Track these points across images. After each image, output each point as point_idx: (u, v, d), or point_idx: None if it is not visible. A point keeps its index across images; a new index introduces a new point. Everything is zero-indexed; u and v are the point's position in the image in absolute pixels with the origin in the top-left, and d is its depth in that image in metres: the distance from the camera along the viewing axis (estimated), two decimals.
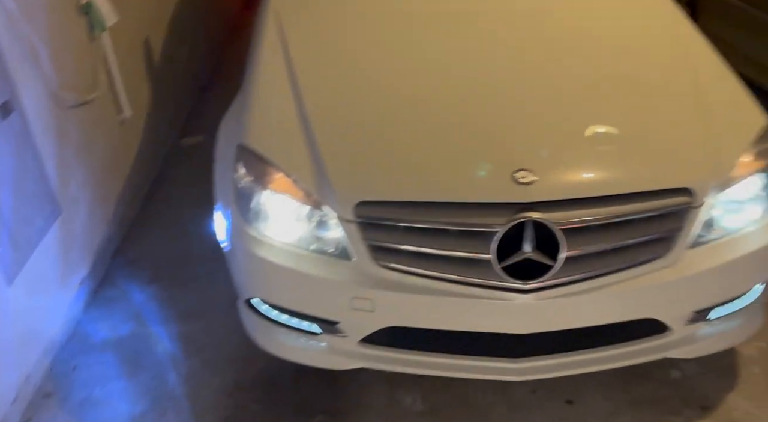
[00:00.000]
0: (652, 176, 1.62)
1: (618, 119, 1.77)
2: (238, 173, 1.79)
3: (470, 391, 1.98)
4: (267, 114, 1.92)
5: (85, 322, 2.33)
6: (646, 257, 1.61)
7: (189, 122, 3.80)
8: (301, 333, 1.84)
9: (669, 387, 1.96)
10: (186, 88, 3.97)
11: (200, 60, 4.28)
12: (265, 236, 1.73)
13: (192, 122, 3.80)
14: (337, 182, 1.66)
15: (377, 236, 1.64)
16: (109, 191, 2.72)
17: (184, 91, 3.94)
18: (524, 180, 1.58)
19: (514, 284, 1.58)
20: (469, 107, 1.82)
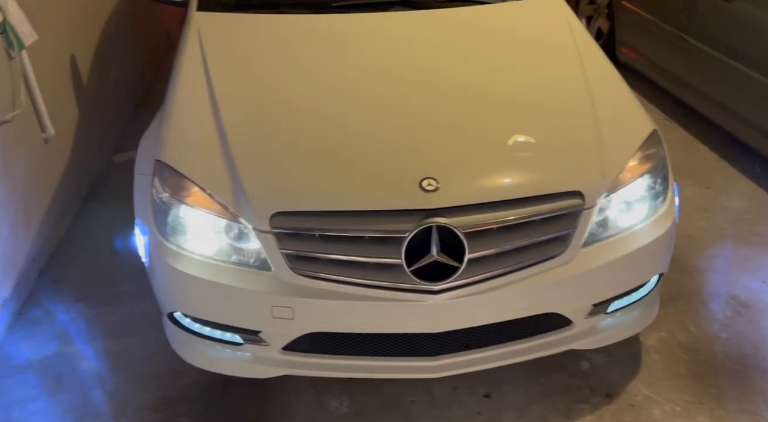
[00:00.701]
0: (547, 181, 1.75)
1: (515, 130, 1.90)
2: (155, 188, 1.82)
3: (395, 392, 2.06)
4: (184, 129, 1.96)
5: (7, 344, 2.29)
6: (544, 256, 1.73)
7: (123, 139, 3.77)
8: (224, 344, 1.88)
9: (579, 378, 2.09)
10: (119, 105, 3.93)
11: (135, 77, 4.25)
12: (183, 250, 1.76)
13: (127, 138, 3.77)
14: (253, 194, 1.71)
15: (294, 246, 1.70)
16: (33, 210, 2.68)
17: (117, 108, 3.90)
18: (429, 188, 1.68)
19: (424, 286, 1.67)
20: (378, 121, 1.91)
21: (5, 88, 2.49)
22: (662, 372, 2.10)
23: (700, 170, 3.36)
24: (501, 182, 1.75)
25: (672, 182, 1.95)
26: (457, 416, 1.97)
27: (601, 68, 2.20)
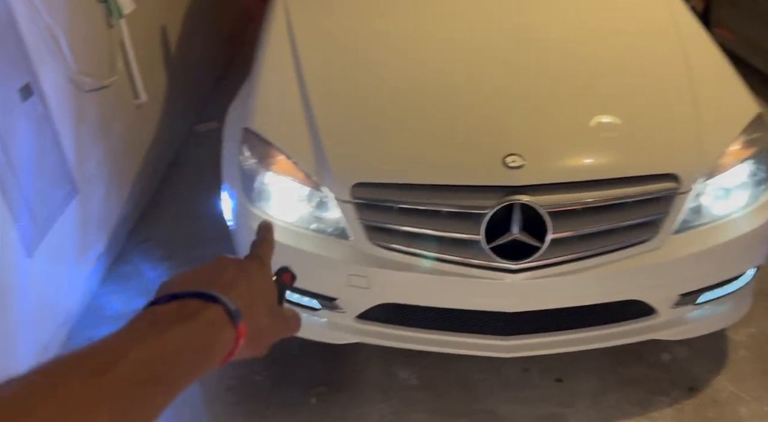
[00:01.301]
0: (639, 162, 1.67)
1: (609, 107, 1.81)
2: (243, 155, 1.88)
3: (463, 369, 2.06)
4: (271, 99, 2.00)
5: (101, 296, 2.45)
6: (631, 241, 1.66)
7: (205, 109, 3.91)
8: (302, 308, 1.93)
9: (659, 369, 2.02)
10: (202, 76, 4.07)
11: (218, 49, 4.38)
12: (267, 215, 1.81)
13: (208, 108, 3.91)
14: (335, 164, 1.73)
15: (373, 217, 1.71)
16: (125, 173, 2.84)
17: (201, 78, 4.04)
18: (513, 164, 1.64)
19: (502, 264, 1.64)
20: (464, 95, 1.88)
21: (105, 55, 2.62)
22: (750, 369, 1.99)
23: None
24: (590, 161, 1.69)
25: None
26: (528, 397, 1.95)
27: (703, 47, 2.06)
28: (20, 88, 1.96)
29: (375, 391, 2.00)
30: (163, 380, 0.45)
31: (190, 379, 0.48)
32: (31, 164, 2.02)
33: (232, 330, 0.51)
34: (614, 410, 1.88)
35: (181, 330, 0.48)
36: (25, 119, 1.99)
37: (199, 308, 0.50)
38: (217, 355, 0.51)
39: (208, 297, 0.51)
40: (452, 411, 1.92)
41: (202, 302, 0.51)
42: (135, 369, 0.43)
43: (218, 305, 0.51)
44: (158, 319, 0.48)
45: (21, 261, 1.97)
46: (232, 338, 0.51)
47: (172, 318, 0.49)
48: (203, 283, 0.53)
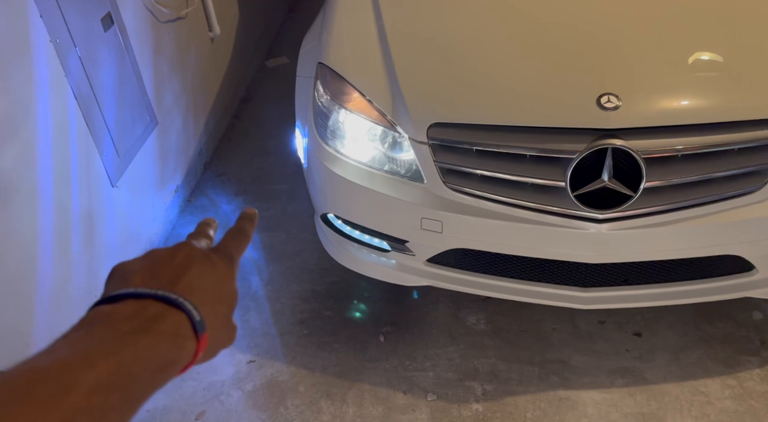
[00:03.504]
0: (748, 105, 1.49)
1: (714, 43, 1.62)
2: (317, 91, 1.83)
3: (534, 317, 2.01)
4: (346, 35, 1.92)
5: (180, 226, 2.54)
6: (735, 192, 1.51)
7: (275, 43, 3.86)
8: (371, 249, 1.92)
9: (748, 328, 1.89)
10: (273, 9, 4.00)
11: None
12: (341, 154, 1.78)
13: (278, 43, 3.85)
14: (412, 103, 1.65)
15: (449, 159, 1.64)
16: (200, 106, 2.87)
17: (271, 12, 3.97)
18: (608, 105, 1.50)
19: (587, 213, 1.54)
20: (552, 31, 1.72)
21: None
22: None
23: None
24: (693, 103, 1.52)
25: None
26: (603, 350, 1.89)
27: None
28: (102, 17, 1.96)
29: (442, 334, 2.00)
30: (118, 406, 0.40)
31: (146, 398, 0.43)
32: (113, 95, 2.06)
33: (193, 343, 0.46)
34: (696, 368, 1.80)
35: (141, 343, 0.43)
36: (107, 50, 2.01)
37: (161, 315, 0.45)
38: (175, 371, 0.45)
39: (171, 301, 0.46)
40: (522, 359, 1.89)
41: (164, 307, 0.46)
42: (88, 397, 0.38)
43: (181, 312, 0.46)
44: (115, 327, 0.43)
45: (106, 191, 2.05)
46: (191, 351, 0.46)
47: (130, 327, 0.43)
48: (164, 280, 0.48)
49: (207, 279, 0.50)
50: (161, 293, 0.46)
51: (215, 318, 0.49)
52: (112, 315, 0.44)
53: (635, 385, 1.77)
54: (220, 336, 0.50)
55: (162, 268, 0.49)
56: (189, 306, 0.47)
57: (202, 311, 0.47)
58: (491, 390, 1.81)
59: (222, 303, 0.51)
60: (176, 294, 0.47)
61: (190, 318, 0.46)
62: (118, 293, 0.46)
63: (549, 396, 1.77)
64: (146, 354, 0.43)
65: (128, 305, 0.45)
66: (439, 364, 1.90)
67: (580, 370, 1.83)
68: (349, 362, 1.93)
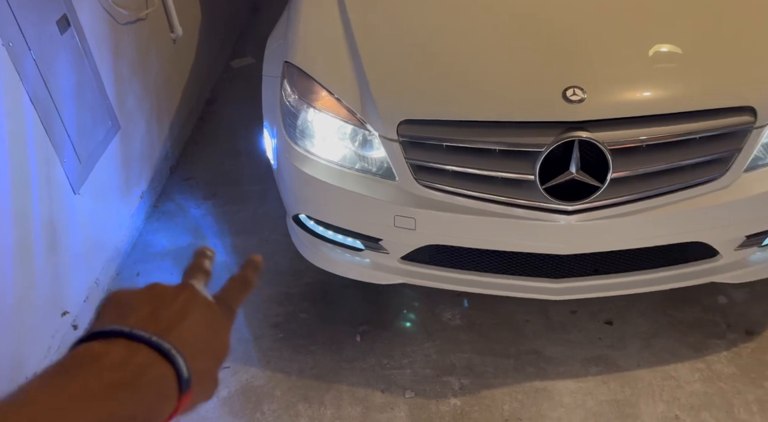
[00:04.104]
0: (711, 94, 1.53)
1: (678, 34, 1.66)
2: (284, 91, 1.80)
3: (508, 310, 2.03)
4: (313, 32, 1.90)
5: (147, 233, 2.49)
6: (699, 179, 1.55)
7: (240, 43, 3.81)
8: (345, 248, 1.91)
9: (714, 312, 1.95)
10: (237, 9, 3.94)
11: None
12: (311, 154, 1.76)
13: (243, 43, 3.80)
14: (381, 101, 1.65)
15: (420, 156, 1.64)
16: (164, 109, 2.81)
17: (235, 11, 3.91)
18: (574, 98, 1.52)
19: (556, 205, 1.56)
20: (518, 25, 1.74)
21: None
22: None
23: None
24: (657, 93, 1.55)
25: None
26: (576, 339, 1.92)
27: None
28: (57, 20, 1.90)
29: (419, 331, 2.00)
30: None
31: None
32: (72, 100, 2.00)
33: (173, 402, 0.45)
34: (667, 353, 1.84)
35: (122, 398, 0.41)
36: (64, 53, 1.95)
37: (149, 365, 0.43)
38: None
39: (163, 352, 0.44)
40: (497, 352, 1.91)
41: (154, 356, 0.44)
42: None
43: (170, 366, 0.44)
44: (101, 376, 0.42)
45: (68, 198, 1.99)
46: (169, 410, 0.45)
47: (116, 378, 0.42)
48: (162, 323, 0.46)
49: (204, 331, 0.49)
50: (155, 341, 0.45)
51: (202, 376, 0.48)
52: (101, 359, 0.43)
53: (609, 373, 1.80)
54: (202, 393, 0.49)
55: (162, 309, 0.48)
56: (179, 361, 0.45)
57: (191, 367, 0.46)
58: (468, 384, 1.82)
59: (212, 359, 0.50)
60: (170, 344, 0.45)
61: (178, 374, 0.45)
62: (112, 330, 0.45)
63: (525, 387, 1.79)
64: (124, 411, 0.42)
65: (119, 347, 0.44)
66: (416, 361, 1.90)
67: (554, 360, 1.85)
68: (326, 363, 1.91)
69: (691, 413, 1.67)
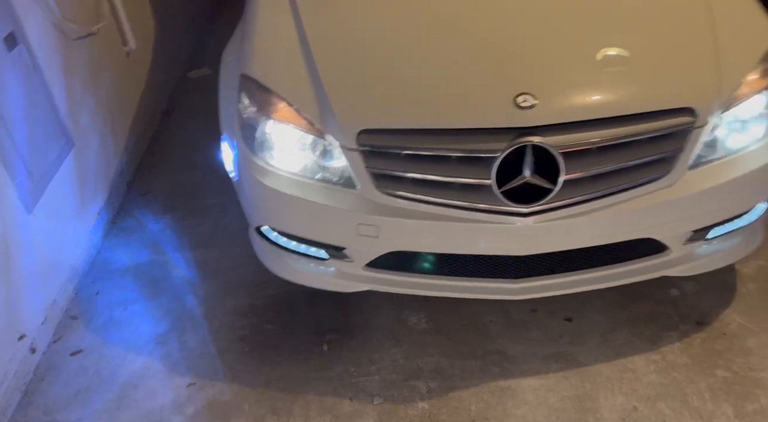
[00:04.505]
0: (654, 97, 1.61)
1: (622, 40, 1.73)
2: (242, 104, 1.81)
3: (473, 312, 2.07)
4: (269, 44, 1.91)
5: (105, 250, 2.44)
6: (645, 179, 1.62)
7: (197, 53, 3.77)
8: (309, 258, 1.92)
9: (667, 305, 2.03)
10: (192, 19, 3.91)
11: None
12: (271, 166, 1.76)
13: (200, 53, 3.77)
14: (340, 111, 1.67)
15: (380, 164, 1.66)
16: (119, 124, 2.76)
17: (191, 22, 3.88)
18: (525, 104, 1.57)
19: (514, 208, 1.61)
20: (471, 35, 1.79)
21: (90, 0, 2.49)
22: (759, 301, 2.01)
23: None
24: (603, 97, 1.62)
25: None
26: (537, 337, 1.97)
27: None
28: (4, 37, 1.86)
29: (386, 337, 2.02)
30: None
31: None
32: (23, 118, 1.95)
33: None
34: (625, 346, 1.91)
35: None
36: (13, 70, 1.91)
37: None
38: None
39: None
40: (463, 354, 1.94)
41: None
42: None
43: None
44: None
45: (21, 218, 1.94)
46: None
47: None
48: None
49: None
50: None
51: None
52: None
53: (569, 368, 1.85)
54: None
55: None
56: None
57: None
58: (436, 387, 1.85)
59: None
60: None
61: None
62: None
63: (491, 387, 1.83)
64: None
65: None
66: (384, 367, 1.92)
67: (517, 359, 1.90)
68: (293, 374, 1.91)
69: (648, 404, 1.74)
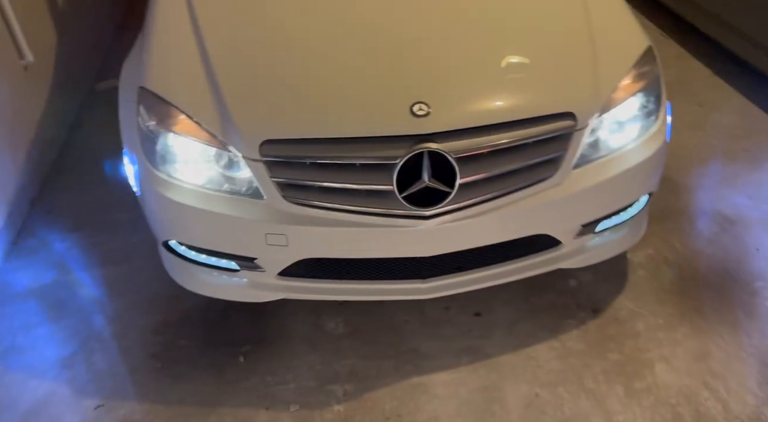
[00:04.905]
0: (538, 103, 1.72)
1: (507, 50, 1.84)
2: (140, 117, 1.78)
3: (388, 313, 2.13)
4: (167, 55, 1.89)
5: (5, 272, 2.32)
6: (535, 179, 1.73)
7: (105, 65, 3.64)
8: (220, 270, 1.91)
9: (566, 295, 2.17)
10: (99, 28, 3.77)
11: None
12: (174, 179, 1.75)
13: (109, 64, 3.65)
14: (241, 122, 1.68)
15: (285, 174, 1.69)
16: (19, 139, 2.63)
17: (98, 30, 3.74)
18: (420, 113, 1.65)
19: (415, 211, 1.68)
20: (367, 46, 1.84)
21: None
22: (647, 288, 2.18)
23: (694, 86, 3.31)
24: (493, 105, 1.72)
25: (665, 100, 1.92)
26: (449, 334, 2.05)
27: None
28: None
29: (303, 344, 2.04)
30: None
31: None
32: None
33: None
34: (528, 337, 2.02)
35: None
36: None
37: None
38: None
39: None
40: (378, 355, 2.00)
41: None
42: None
43: None
44: None
45: None
46: None
47: None
48: None
49: None
50: None
51: None
52: None
53: (478, 361, 1.95)
54: None
55: None
56: None
57: None
58: (351, 389, 1.89)
59: None
60: None
61: None
62: None
63: (404, 384, 1.89)
64: None
65: None
66: (301, 374, 1.94)
67: (430, 356, 1.97)
68: (207, 389, 1.90)
69: (549, 389, 1.85)
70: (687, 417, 1.76)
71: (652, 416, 1.77)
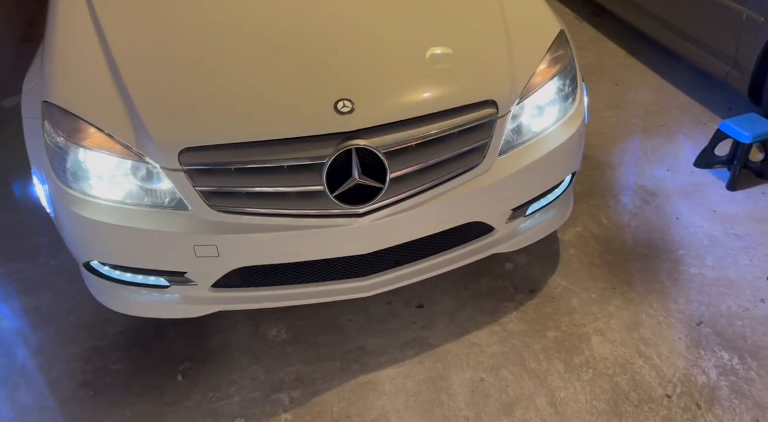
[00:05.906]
0: (460, 93, 1.73)
1: (426, 42, 1.85)
2: (47, 133, 1.67)
3: (332, 314, 2.10)
4: (71, 65, 1.78)
5: None
6: (463, 168, 1.75)
7: (10, 80, 3.40)
8: (149, 287, 1.83)
9: (503, 279, 2.21)
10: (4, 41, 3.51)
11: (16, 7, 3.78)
12: (89, 196, 1.66)
13: (14, 79, 3.40)
14: (156, 131, 1.60)
15: (209, 182, 1.63)
16: None
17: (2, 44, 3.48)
18: (345, 110, 1.63)
19: (348, 210, 1.66)
20: (284, 44, 1.81)
21: None
22: (578, 264, 2.25)
23: (610, 67, 3.46)
24: (416, 97, 1.72)
25: (581, 82, 1.98)
26: (393, 328, 2.05)
27: None
28: None
29: (245, 354, 1.98)
30: None
31: None
32: None
33: None
34: (470, 322, 2.05)
35: None
36: None
37: None
38: None
39: None
40: (323, 357, 1.97)
41: None
42: None
43: None
44: None
45: None
46: None
47: None
48: None
49: None
50: None
51: None
52: None
53: (423, 352, 1.95)
54: None
55: None
56: None
57: None
58: (298, 395, 1.85)
59: None
60: None
61: None
62: None
63: (351, 384, 1.87)
64: None
65: None
66: (244, 386, 1.88)
67: (376, 352, 1.96)
68: (146, 412, 1.81)
69: (493, 373, 1.88)
70: (624, 386, 1.83)
71: (591, 389, 1.83)
